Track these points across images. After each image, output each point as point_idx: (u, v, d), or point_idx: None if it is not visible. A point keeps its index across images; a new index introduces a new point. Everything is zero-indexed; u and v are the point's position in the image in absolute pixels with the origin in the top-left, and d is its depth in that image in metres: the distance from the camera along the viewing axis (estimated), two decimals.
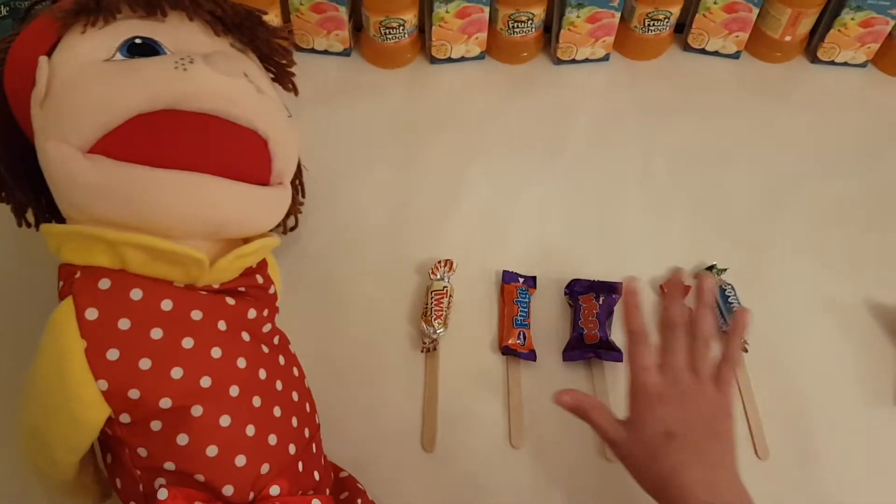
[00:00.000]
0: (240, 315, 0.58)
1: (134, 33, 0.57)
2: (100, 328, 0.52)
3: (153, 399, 0.52)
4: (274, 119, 0.61)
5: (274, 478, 0.56)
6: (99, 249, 0.53)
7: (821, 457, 0.74)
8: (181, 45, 0.58)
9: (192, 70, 0.54)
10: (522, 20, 1.01)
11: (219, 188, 0.56)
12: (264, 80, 0.65)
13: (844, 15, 1.01)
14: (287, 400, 0.60)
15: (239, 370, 0.56)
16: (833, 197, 0.94)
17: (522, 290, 0.82)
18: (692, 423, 0.61)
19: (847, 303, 0.85)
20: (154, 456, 0.54)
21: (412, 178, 0.94)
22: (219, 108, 0.55)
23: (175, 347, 0.53)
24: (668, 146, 0.99)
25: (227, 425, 0.54)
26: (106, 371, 0.51)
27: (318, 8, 0.99)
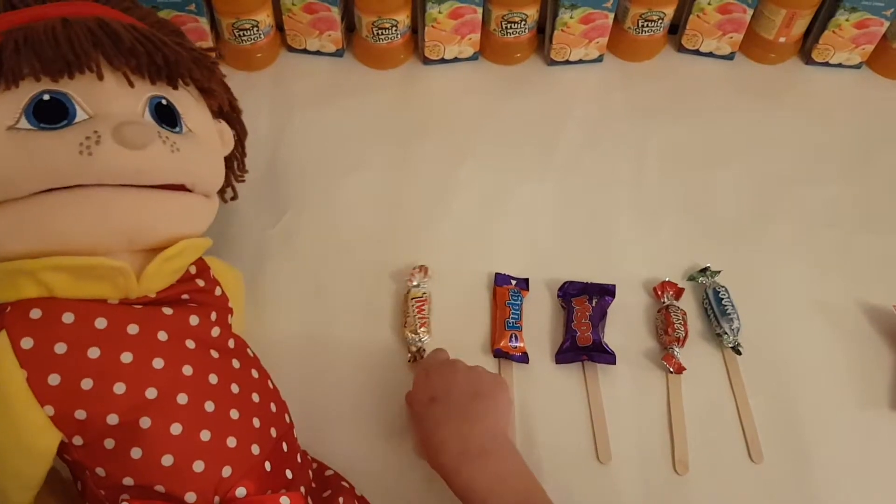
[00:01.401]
0: (180, 323, 0.58)
1: (40, 89, 0.55)
2: (37, 355, 0.52)
3: (100, 417, 0.53)
4: (190, 165, 0.61)
5: (238, 480, 0.56)
6: (24, 282, 0.54)
7: (815, 460, 0.74)
8: (93, 99, 0.57)
9: (97, 153, 0.54)
10: (516, 21, 1.00)
11: (123, 194, 0.56)
12: (187, 99, 0.65)
13: (839, 16, 1.00)
14: (245, 402, 0.60)
15: (185, 377, 0.56)
16: (826, 199, 0.94)
17: (514, 293, 0.81)
18: (454, 388, 0.67)
19: (840, 305, 0.85)
20: (112, 474, 0.54)
21: (404, 179, 0.93)
22: (128, 181, 0.56)
23: (114, 363, 0.54)
24: (661, 147, 0.98)
25: (179, 433, 0.54)
26: (50, 396, 0.52)
27: (310, 8, 0.99)
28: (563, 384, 0.78)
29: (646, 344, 0.81)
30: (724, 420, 0.76)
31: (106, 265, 0.55)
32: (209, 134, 0.67)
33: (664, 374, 0.78)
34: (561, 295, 0.83)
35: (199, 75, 0.65)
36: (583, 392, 0.77)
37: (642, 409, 0.77)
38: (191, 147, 0.62)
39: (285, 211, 0.88)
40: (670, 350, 0.79)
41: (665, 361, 0.78)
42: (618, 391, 0.77)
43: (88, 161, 0.54)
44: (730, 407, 0.77)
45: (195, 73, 0.65)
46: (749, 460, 0.74)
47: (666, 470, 0.73)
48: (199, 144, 0.64)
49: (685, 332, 0.79)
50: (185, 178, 0.61)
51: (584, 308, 0.80)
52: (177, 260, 0.60)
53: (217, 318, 0.62)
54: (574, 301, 0.81)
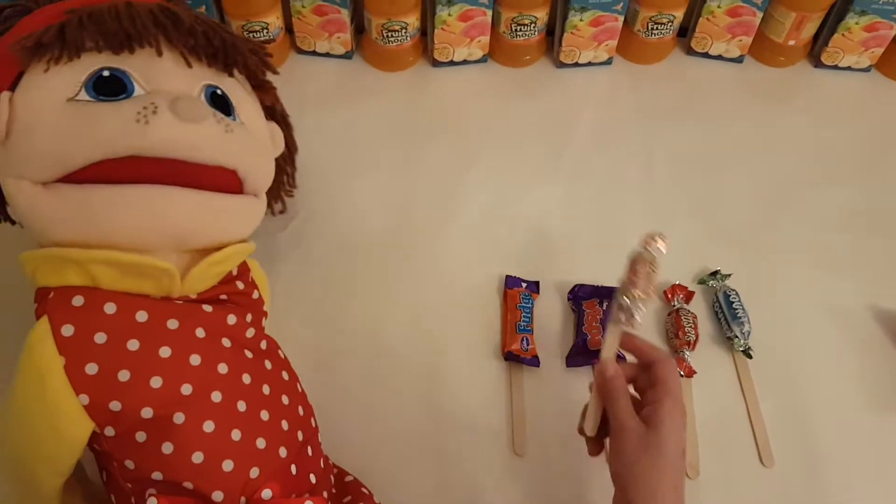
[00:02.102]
0: (218, 322, 0.58)
1: (100, 65, 0.56)
2: (77, 343, 0.52)
3: (134, 409, 0.53)
4: (242, 151, 0.62)
5: (265, 481, 0.56)
6: (70, 270, 0.54)
7: (826, 464, 0.74)
8: (152, 76, 0.58)
9: (153, 122, 0.54)
10: (525, 23, 1.00)
11: (176, 197, 0.56)
12: (241, 94, 0.65)
13: (849, 19, 1.00)
14: (275, 403, 0.60)
15: (220, 376, 0.56)
16: (836, 202, 0.94)
17: (525, 296, 0.81)
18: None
19: (851, 309, 0.85)
20: (141, 467, 0.54)
21: (414, 182, 0.93)
22: (181, 155, 0.56)
23: (152, 357, 0.54)
24: (671, 150, 0.98)
25: (212, 431, 0.54)
26: (86, 385, 0.52)
27: (320, 10, 0.99)
28: (574, 387, 0.78)
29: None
30: (735, 424, 0.76)
31: (155, 266, 0.55)
32: (261, 130, 0.68)
33: None
34: (571, 298, 0.83)
35: (253, 65, 0.66)
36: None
37: None
38: (243, 134, 0.62)
39: (295, 214, 0.88)
40: (681, 353, 0.79)
41: (676, 365, 0.78)
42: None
43: (144, 130, 0.54)
44: (740, 411, 0.77)
45: (250, 62, 0.65)
46: (760, 464, 0.74)
47: None
48: (251, 135, 0.64)
49: (696, 335, 0.79)
50: (238, 164, 0.61)
51: (594, 311, 0.80)
52: (223, 265, 0.61)
53: (252, 320, 0.62)
54: (584, 304, 0.81)
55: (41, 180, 0.55)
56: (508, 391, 0.77)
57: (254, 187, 0.64)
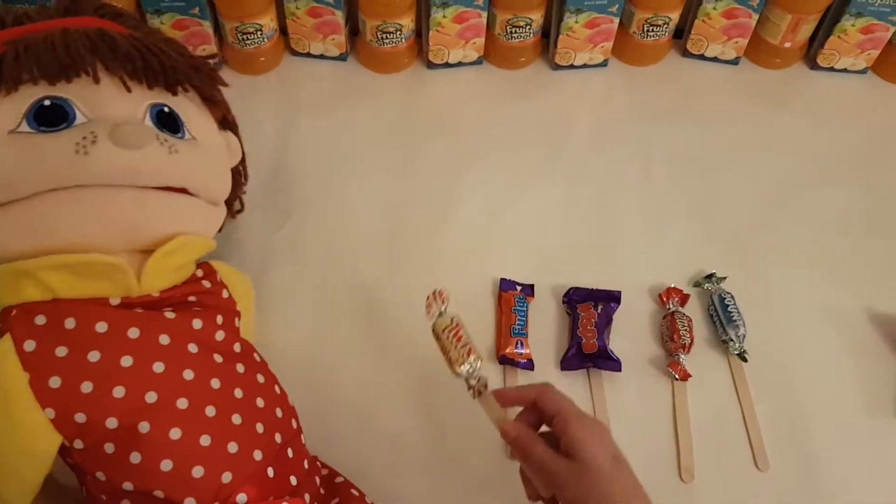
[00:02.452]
0: (182, 327, 0.58)
1: (40, 94, 0.57)
2: (39, 358, 0.53)
3: (99, 420, 0.53)
4: (190, 170, 0.62)
5: (239, 486, 0.55)
6: (25, 284, 0.55)
7: (821, 468, 0.74)
8: (93, 102, 0.58)
9: (93, 152, 0.55)
10: (520, 25, 1.00)
11: (121, 193, 0.57)
12: (189, 107, 0.66)
13: (845, 21, 1.00)
14: (248, 407, 0.59)
15: (186, 382, 0.56)
16: (833, 204, 0.94)
17: (520, 299, 0.81)
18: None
19: (847, 311, 0.85)
20: (112, 478, 0.54)
21: (409, 184, 0.93)
22: (125, 181, 0.57)
23: (114, 367, 0.54)
24: (666, 153, 0.98)
25: (178, 438, 0.54)
26: (51, 399, 0.53)
27: (314, 12, 0.98)
28: (569, 391, 0.75)
29: (651, 351, 0.81)
30: (730, 427, 0.76)
31: (102, 261, 0.55)
32: (214, 142, 0.68)
33: (670, 381, 0.78)
34: (566, 301, 0.82)
35: (198, 82, 0.66)
36: (588, 399, 0.77)
37: (648, 417, 0.76)
38: (192, 152, 0.63)
39: (290, 215, 0.88)
40: (676, 357, 0.78)
41: (671, 368, 0.78)
42: (623, 398, 0.77)
43: (84, 160, 0.55)
44: (736, 414, 0.77)
45: (194, 80, 0.65)
46: (755, 468, 0.74)
47: (671, 478, 0.73)
48: (202, 151, 0.65)
49: (691, 338, 0.79)
50: (186, 182, 0.62)
51: (589, 314, 0.80)
52: (176, 256, 0.60)
53: (223, 322, 0.62)
54: (579, 307, 0.81)
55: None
56: None
57: (208, 199, 0.65)
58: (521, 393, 0.64)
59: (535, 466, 0.59)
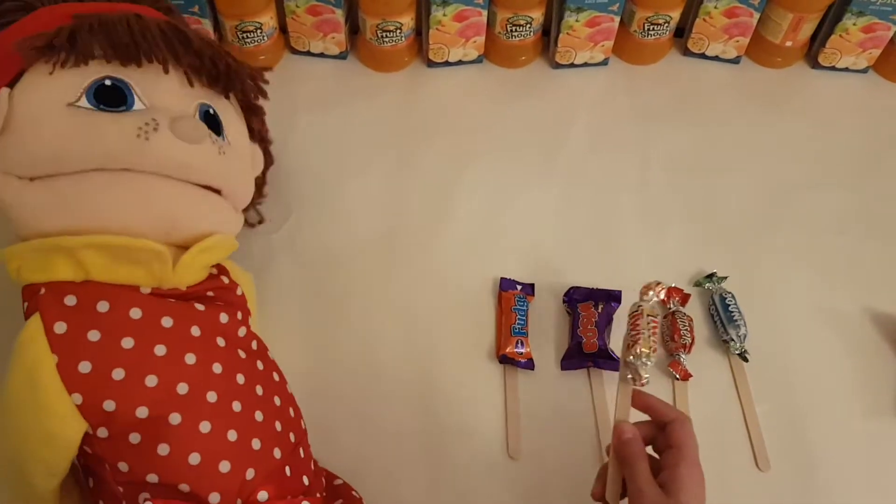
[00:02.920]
0: (212, 320, 0.58)
1: (103, 73, 0.57)
2: (70, 341, 0.52)
3: (129, 409, 0.52)
4: (231, 173, 0.64)
5: (260, 483, 0.55)
6: (60, 262, 0.54)
7: (822, 468, 0.73)
8: (151, 91, 0.59)
9: (153, 139, 0.55)
10: (521, 24, 1.00)
11: (166, 184, 0.57)
12: (231, 116, 0.67)
13: (846, 20, 1.00)
14: (268, 404, 0.59)
15: (215, 375, 0.56)
16: (833, 205, 0.93)
17: (520, 298, 0.81)
18: None
19: (848, 312, 0.84)
20: (136, 470, 0.53)
21: (408, 183, 0.93)
22: (173, 174, 0.58)
23: (147, 355, 0.53)
24: (666, 152, 0.98)
25: (208, 431, 0.54)
26: (79, 384, 0.51)
27: (314, 10, 0.98)
28: (569, 391, 0.77)
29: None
30: (731, 427, 0.76)
31: (148, 247, 0.55)
32: (245, 151, 0.70)
33: (670, 381, 0.78)
34: (566, 300, 0.82)
35: (249, 90, 0.68)
36: (588, 399, 0.77)
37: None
38: (234, 157, 0.64)
39: (289, 215, 0.88)
40: (676, 357, 0.78)
41: (671, 368, 0.77)
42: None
43: (144, 146, 0.55)
44: (736, 414, 0.77)
45: (248, 87, 0.68)
46: (756, 468, 0.73)
47: None
48: (238, 156, 0.66)
49: (691, 338, 0.79)
50: (225, 184, 0.63)
51: (589, 314, 0.79)
52: (210, 254, 0.61)
53: (242, 318, 0.62)
54: (580, 307, 0.80)
55: (31, 177, 0.55)
56: (503, 394, 0.76)
57: (234, 203, 0.66)
58: (660, 407, 0.63)
59: (629, 478, 0.58)
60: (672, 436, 0.60)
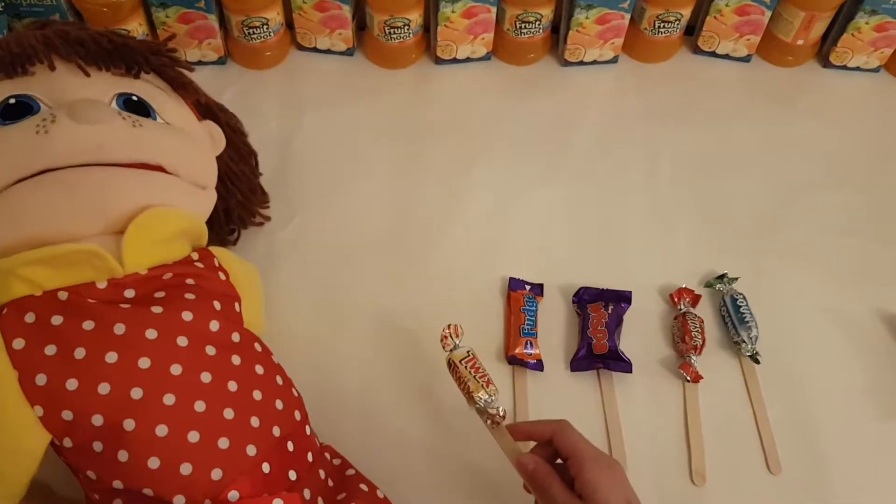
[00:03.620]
0: (171, 321, 0.57)
1: (5, 94, 0.58)
2: (28, 356, 0.53)
3: (85, 418, 0.53)
4: (161, 145, 0.62)
5: (231, 482, 0.55)
6: (10, 282, 0.55)
7: (834, 471, 0.73)
8: (56, 93, 0.60)
9: (53, 130, 0.56)
10: (530, 21, 0.99)
11: (89, 173, 0.57)
12: (160, 96, 0.66)
13: (858, 19, 0.99)
14: (243, 401, 0.58)
15: (173, 377, 0.55)
16: (843, 205, 0.93)
17: (529, 298, 0.80)
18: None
19: (859, 313, 0.84)
20: (102, 477, 0.54)
21: (416, 181, 0.92)
22: (92, 158, 0.57)
23: (99, 363, 0.54)
24: (676, 151, 0.97)
25: (165, 435, 0.54)
26: (39, 396, 0.53)
27: (322, 6, 0.97)
28: (579, 392, 0.76)
29: (662, 352, 0.80)
30: (742, 430, 0.75)
31: (74, 250, 0.55)
32: (193, 129, 0.68)
33: (681, 383, 0.77)
34: (576, 301, 0.81)
35: (159, 64, 0.67)
36: (598, 401, 0.76)
37: (659, 419, 0.75)
38: (161, 131, 0.63)
39: (295, 213, 0.87)
40: (687, 358, 0.77)
41: (682, 370, 0.77)
42: (634, 400, 0.76)
43: (46, 140, 0.56)
44: (747, 416, 0.76)
45: (156, 62, 0.66)
46: (767, 471, 0.73)
47: (683, 481, 0.72)
48: (176, 133, 0.65)
49: (702, 339, 0.78)
50: (159, 158, 0.62)
51: (599, 315, 0.79)
52: (154, 230, 0.60)
53: (221, 308, 0.61)
54: (589, 307, 0.80)
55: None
56: (512, 395, 0.76)
57: (191, 179, 0.65)
58: (536, 429, 0.63)
59: (549, 500, 0.58)
60: (562, 447, 0.60)
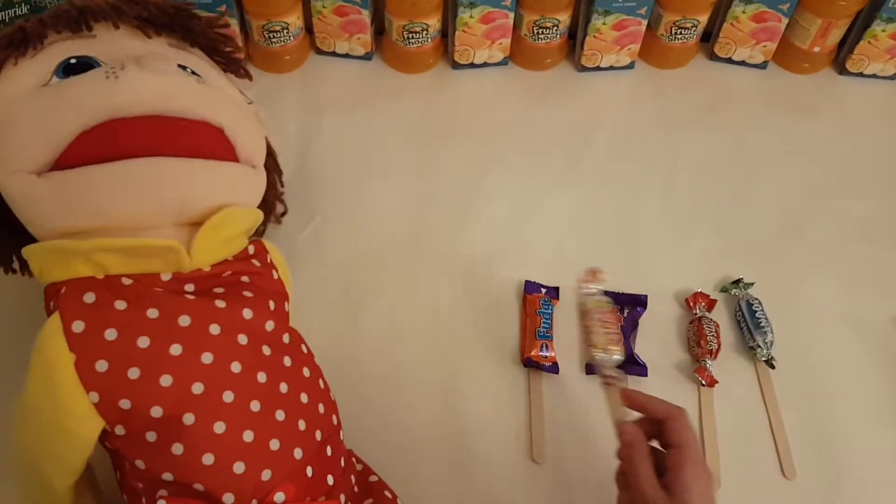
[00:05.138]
0: (233, 317, 0.57)
1: (67, 54, 0.58)
2: (87, 340, 0.52)
3: (144, 408, 0.52)
4: (223, 107, 0.62)
5: (278, 484, 0.55)
6: (76, 261, 0.55)
7: (849, 477, 0.73)
8: (115, 55, 0.59)
9: (122, 77, 0.56)
10: (547, 26, 0.99)
11: (170, 165, 0.57)
12: (212, 72, 0.67)
13: (875, 26, 0.99)
14: (292, 403, 0.59)
15: (233, 375, 0.56)
16: (860, 212, 0.93)
17: (545, 301, 0.80)
18: None
19: (875, 320, 0.83)
20: (151, 468, 0.53)
21: (433, 185, 0.93)
22: (159, 108, 0.57)
23: (163, 355, 0.53)
24: (692, 156, 0.97)
25: (222, 432, 0.54)
26: (96, 382, 0.52)
27: (341, 11, 0.98)
28: (594, 395, 0.76)
29: (678, 356, 0.80)
30: (757, 435, 0.75)
31: (155, 244, 0.55)
32: (241, 101, 0.68)
33: (696, 387, 0.77)
34: None
35: (216, 39, 0.68)
36: None
37: None
38: (224, 95, 0.64)
39: (314, 215, 0.88)
40: (702, 363, 0.77)
41: (697, 374, 0.77)
42: None
43: (115, 85, 0.55)
44: (762, 422, 0.76)
45: (212, 36, 0.68)
46: (782, 476, 0.73)
47: None
48: (231, 99, 0.66)
49: (718, 344, 0.78)
50: (222, 119, 0.61)
51: (615, 318, 0.79)
52: (225, 228, 0.60)
53: (275, 308, 0.62)
54: None
55: (33, 169, 0.55)
56: (527, 398, 0.76)
57: (247, 153, 0.64)
58: (652, 405, 0.62)
59: (633, 481, 0.58)
60: (672, 435, 0.59)
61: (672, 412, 0.60)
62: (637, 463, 0.58)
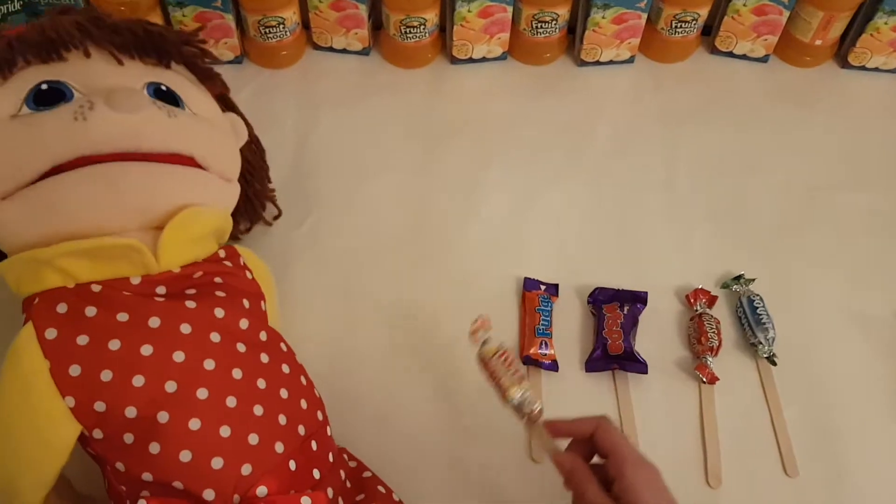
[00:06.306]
0: (204, 316, 0.58)
1: (38, 80, 0.58)
2: (60, 346, 0.53)
3: (118, 409, 0.53)
4: (193, 135, 0.62)
5: (259, 478, 0.55)
6: (45, 271, 0.55)
7: (851, 474, 0.72)
8: (89, 80, 0.59)
9: (91, 118, 0.56)
10: (546, 20, 0.99)
11: (131, 168, 0.57)
12: (188, 87, 0.66)
13: (877, 19, 0.98)
14: (271, 398, 0.59)
15: (206, 372, 0.56)
16: (862, 207, 0.92)
17: (544, 298, 0.80)
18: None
19: (878, 316, 0.83)
20: (131, 469, 0.54)
21: (431, 181, 0.92)
22: (127, 146, 0.57)
23: (134, 356, 0.54)
24: (693, 151, 0.96)
25: (198, 429, 0.54)
26: (71, 387, 0.53)
27: (338, 6, 0.98)
28: (594, 393, 0.76)
29: (678, 353, 0.79)
30: (758, 432, 0.75)
31: (116, 244, 0.56)
32: (217, 120, 0.68)
33: (697, 384, 0.77)
34: (591, 301, 0.81)
35: (190, 55, 0.67)
36: (613, 402, 0.76)
37: (674, 420, 0.75)
38: (193, 121, 0.63)
39: (311, 211, 0.87)
40: (703, 359, 0.77)
41: (698, 371, 0.76)
42: (649, 401, 0.76)
43: (83, 127, 0.55)
44: (764, 419, 0.75)
45: (187, 53, 0.67)
46: (784, 474, 0.72)
47: (699, 483, 0.72)
48: (204, 123, 0.65)
49: (719, 341, 0.78)
50: (192, 148, 0.62)
51: (615, 315, 0.78)
52: (190, 229, 0.60)
53: (249, 307, 0.62)
54: (605, 308, 0.79)
55: (2, 196, 0.56)
56: None
57: (220, 172, 0.65)
58: (575, 426, 0.62)
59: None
60: (602, 444, 0.59)
61: (594, 424, 0.60)
62: (584, 488, 0.57)
